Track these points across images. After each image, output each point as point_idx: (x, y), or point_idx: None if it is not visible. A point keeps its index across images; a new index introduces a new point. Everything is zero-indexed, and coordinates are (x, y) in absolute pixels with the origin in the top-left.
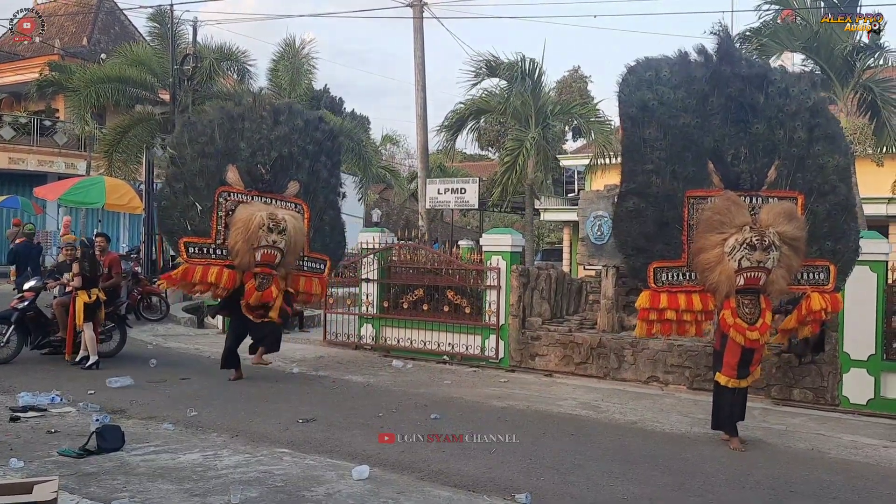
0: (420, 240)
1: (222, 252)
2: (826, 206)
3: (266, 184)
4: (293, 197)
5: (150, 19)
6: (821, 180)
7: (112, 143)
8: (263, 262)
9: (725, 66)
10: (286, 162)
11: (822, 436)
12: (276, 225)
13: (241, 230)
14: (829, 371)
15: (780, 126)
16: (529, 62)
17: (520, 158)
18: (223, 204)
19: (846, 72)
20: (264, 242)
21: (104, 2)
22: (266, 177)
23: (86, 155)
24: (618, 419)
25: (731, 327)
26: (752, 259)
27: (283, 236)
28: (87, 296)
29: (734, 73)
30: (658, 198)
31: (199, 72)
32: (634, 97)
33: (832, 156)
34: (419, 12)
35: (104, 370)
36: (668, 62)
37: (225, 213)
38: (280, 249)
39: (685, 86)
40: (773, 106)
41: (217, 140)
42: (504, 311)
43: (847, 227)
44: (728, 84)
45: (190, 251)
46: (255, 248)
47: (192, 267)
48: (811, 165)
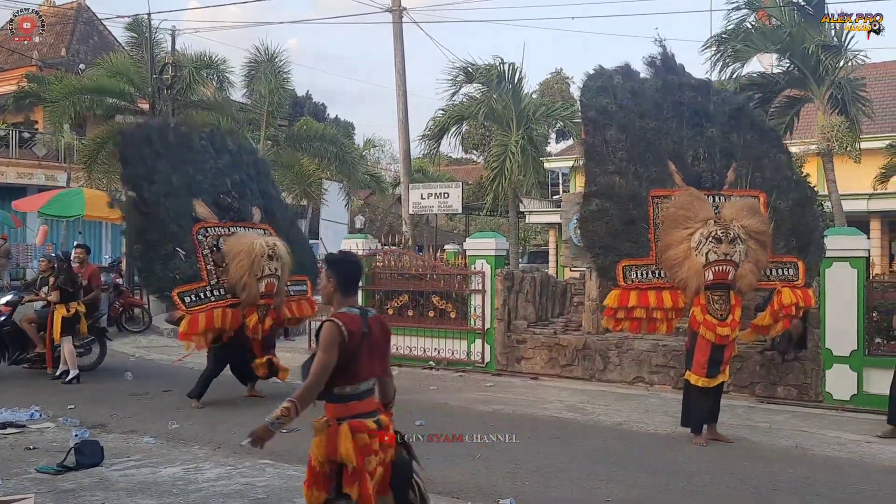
0: (404, 245)
1: (221, 292)
2: (788, 202)
3: (236, 212)
4: (260, 223)
5: (127, 29)
6: (780, 178)
7: (92, 155)
8: (267, 292)
9: (673, 76)
10: (241, 188)
11: (806, 432)
12: (273, 252)
13: (244, 262)
14: (812, 368)
15: (731, 130)
16: (508, 66)
17: (507, 163)
18: (204, 241)
19: (821, 71)
20: (267, 271)
21: (82, 12)
22: (234, 205)
23: (66, 166)
24: (603, 421)
25: (701, 324)
26: (718, 252)
27: (279, 262)
28: (66, 309)
29: (682, 82)
30: (622, 198)
31: (179, 81)
32: (594, 101)
33: (784, 154)
34: (398, 17)
35: (84, 384)
36: (620, 71)
37: (209, 250)
38: (278, 277)
39: (639, 92)
40: (720, 112)
41: (172, 176)
42: (489, 315)
43: (812, 223)
44: (678, 91)
45: (187, 301)
46: (260, 279)
47: (196, 316)
48: (768, 165)
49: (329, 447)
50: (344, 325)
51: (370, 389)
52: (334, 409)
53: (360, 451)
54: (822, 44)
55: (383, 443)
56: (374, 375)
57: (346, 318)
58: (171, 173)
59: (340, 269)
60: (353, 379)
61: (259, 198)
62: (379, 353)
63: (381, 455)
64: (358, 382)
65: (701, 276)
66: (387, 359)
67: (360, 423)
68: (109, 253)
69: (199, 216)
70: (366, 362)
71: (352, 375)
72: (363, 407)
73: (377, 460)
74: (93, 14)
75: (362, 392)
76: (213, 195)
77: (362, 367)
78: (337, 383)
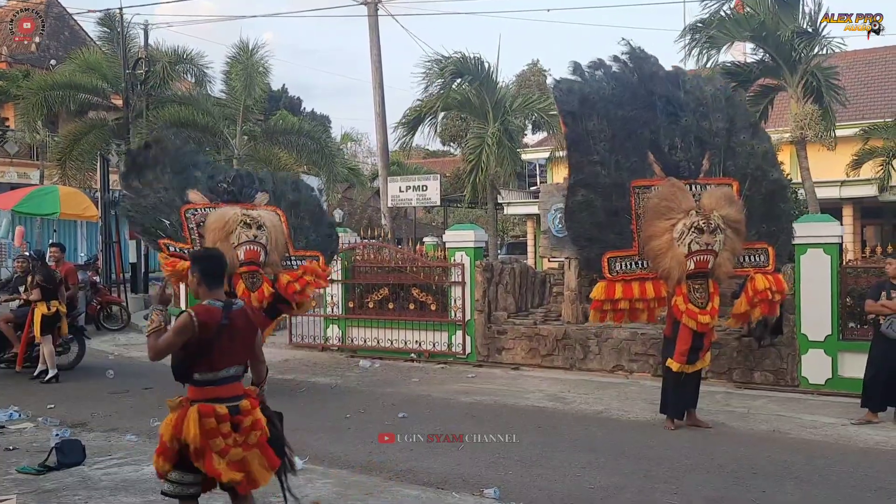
0: (383, 238)
1: None
2: (760, 190)
3: (231, 195)
4: (264, 206)
5: (99, 23)
6: (753, 167)
7: (65, 151)
8: (248, 259)
9: (644, 66)
10: (246, 179)
11: (783, 416)
12: (253, 220)
13: (216, 231)
14: (788, 353)
15: (703, 118)
16: (475, 59)
17: (483, 155)
18: (191, 219)
19: (794, 59)
20: (244, 238)
21: (52, 7)
22: (230, 188)
23: (38, 164)
24: (584, 409)
25: (683, 313)
26: (700, 242)
27: (262, 231)
28: (46, 307)
29: (652, 72)
30: (606, 188)
31: (153, 76)
32: (576, 91)
33: (758, 143)
34: (374, 10)
35: (63, 383)
36: (595, 65)
37: (196, 224)
38: (262, 245)
39: (616, 82)
40: (692, 100)
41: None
42: (469, 307)
43: (781, 210)
44: (650, 81)
45: (171, 250)
46: (237, 246)
47: (177, 261)
48: (740, 153)
49: (176, 428)
50: (197, 316)
51: (232, 377)
52: (192, 391)
53: (205, 434)
54: (796, 31)
55: (242, 426)
56: (237, 363)
57: (203, 310)
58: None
59: (203, 265)
60: (211, 367)
61: (270, 184)
62: (242, 342)
63: (237, 437)
64: (216, 370)
65: (683, 266)
66: (252, 347)
67: (210, 408)
68: (85, 251)
69: (190, 200)
70: (225, 351)
71: (209, 363)
72: (221, 392)
73: (228, 441)
74: (63, 9)
75: (221, 379)
76: (211, 185)
77: (221, 355)
78: (196, 370)
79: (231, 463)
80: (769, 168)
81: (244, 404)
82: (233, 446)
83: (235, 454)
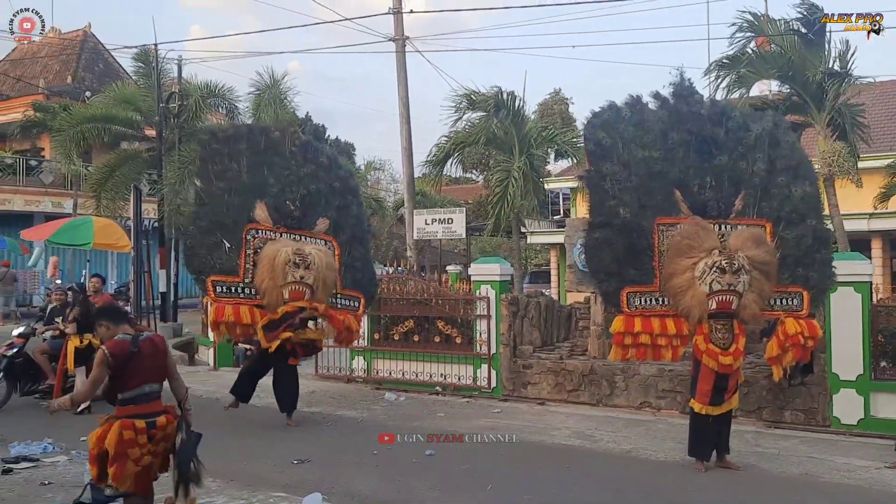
0: (409, 270)
1: (251, 291)
2: (795, 234)
3: (295, 220)
4: (322, 234)
5: (135, 59)
6: (788, 209)
7: (100, 183)
8: (292, 299)
9: (682, 105)
10: (314, 199)
11: (815, 459)
12: (302, 260)
13: (266, 267)
14: (819, 392)
15: (741, 158)
16: (508, 94)
17: (509, 188)
18: (251, 242)
19: (821, 96)
20: (291, 278)
21: (88, 40)
22: (295, 213)
23: (72, 193)
24: (612, 448)
25: (703, 353)
26: (722, 282)
27: (310, 272)
28: (79, 340)
29: (691, 111)
30: (625, 227)
31: (186, 109)
32: (592, 136)
33: (798, 186)
34: (401, 47)
35: (96, 414)
36: (629, 104)
37: (253, 251)
38: (308, 285)
39: (643, 124)
40: (733, 139)
41: (244, 175)
42: (495, 341)
43: (818, 255)
44: (688, 121)
45: (218, 290)
46: (283, 286)
47: (222, 307)
48: (776, 195)
49: (100, 438)
50: (109, 349)
51: (149, 394)
52: (117, 410)
53: (124, 443)
54: (826, 72)
55: (155, 438)
56: (151, 381)
57: (114, 344)
58: (242, 173)
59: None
60: (127, 388)
61: (334, 211)
62: (153, 364)
63: (152, 447)
64: (132, 389)
65: (704, 306)
66: (164, 368)
67: (129, 423)
68: (116, 278)
69: (255, 217)
70: (138, 374)
71: (125, 385)
72: (140, 409)
73: (144, 451)
74: (98, 42)
75: (138, 397)
76: (279, 201)
77: (134, 378)
78: (116, 391)
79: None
80: (807, 213)
81: (160, 420)
82: (145, 455)
83: (146, 461)
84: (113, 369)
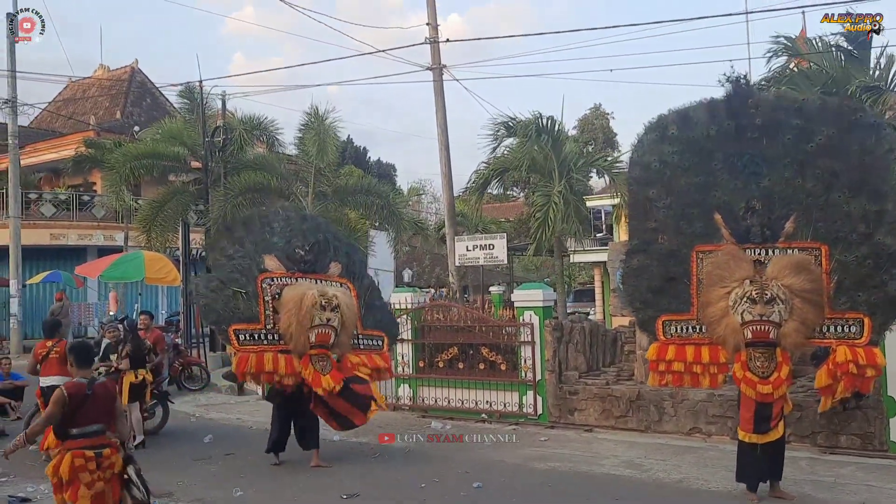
0: (451, 297)
1: (274, 337)
2: (856, 256)
3: (308, 264)
4: (337, 277)
5: (180, 95)
6: (848, 229)
7: (149, 219)
8: (318, 342)
9: (734, 119)
10: (323, 245)
11: (873, 487)
12: (328, 302)
13: (292, 311)
14: (875, 416)
15: (798, 174)
16: (547, 119)
17: (550, 213)
18: (268, 289)
19: None
20: (318, 321)
21: (135, 75)
22: (307, 258)
23: (123, 226)
24: (662, 478)
25: (741, 381)
26: (753, 312)
27: (336, 313)
28: (134, 376)
29: (741, 124)
30: (662, 254)
31: (230, 143)
32: (639, 159)
33: (859, 203)
34: (439, 75)
35: (149, 448)
36: (677, 118)
37: (271, 297)
38: (334, 328)
39: (688, 146)
40: (790, 152)
41: (248, 245)
42: (540, 367)
43: (887, 277)
44: (737, 137)
45: (241, 339)
46: (310, 329)
47: (246, 355)
48: (834, 213)
49: (56, 467)
50: (67, 391)
51: (97, 431)
52: (69, 443)
53: (75, 469)
54: (864, 85)
55: (102, 465)
56: (100, 422)
57: (72, 385)
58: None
59: (77, 352)
60: (78, 425)
61: (343, 256)
62: (102, 408)
63: (101, 473)
64: (82, 427)
65: (738, 335)
66: (111, 411)
67: (80, 453)
68: (166, 309)
69: (267, 267)
70: (89, 414)
71: (76, 422)
72: (88, 442)
73: (94, 476)
74: (145, 77)
75: (88, 433)
76: (288, 251)
77: (86, 417)
78: (69, 427)
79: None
80: (873, 231)
81: (106, 452)
82: (97, 480)
83: (98, 486)
84: (69, 407)
